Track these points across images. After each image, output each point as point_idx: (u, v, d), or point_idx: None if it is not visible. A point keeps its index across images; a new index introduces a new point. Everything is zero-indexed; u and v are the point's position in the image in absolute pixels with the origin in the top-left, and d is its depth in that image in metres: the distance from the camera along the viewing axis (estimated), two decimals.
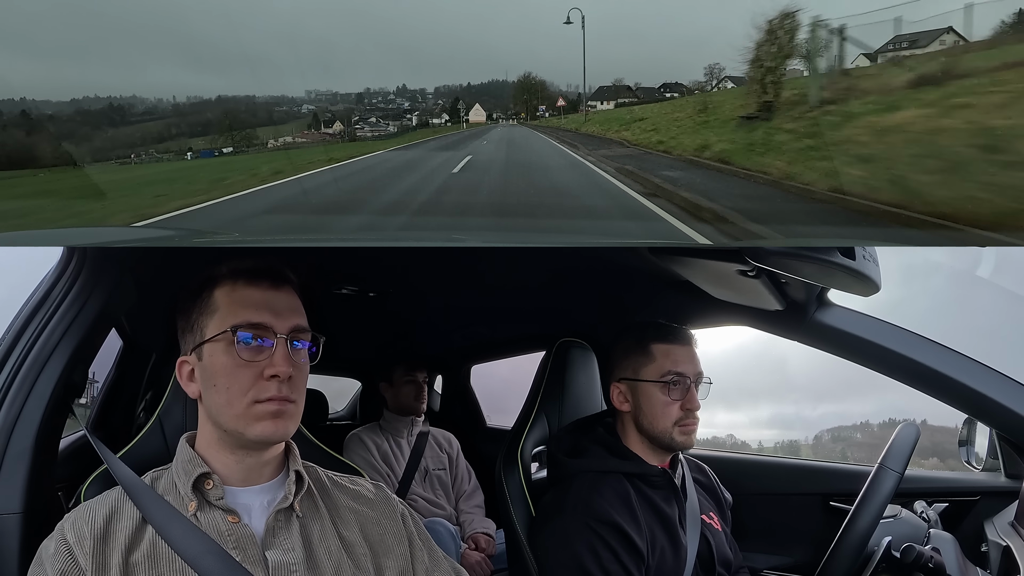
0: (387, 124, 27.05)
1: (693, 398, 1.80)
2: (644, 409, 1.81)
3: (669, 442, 1.80)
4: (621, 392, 1.85)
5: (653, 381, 1.80)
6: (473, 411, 3.92)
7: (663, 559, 1.71)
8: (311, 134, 26.46)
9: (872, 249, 1.52)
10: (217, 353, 1.27)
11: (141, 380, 2.44)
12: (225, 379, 1.25)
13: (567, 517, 1.70)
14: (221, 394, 1.26)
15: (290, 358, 1.26)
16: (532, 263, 2.17)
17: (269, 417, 1.25)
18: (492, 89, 29.58)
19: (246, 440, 1.28)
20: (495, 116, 30.27)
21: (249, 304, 1.28)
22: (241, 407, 1.25)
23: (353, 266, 2.21)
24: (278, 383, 1.25)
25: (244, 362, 1.25)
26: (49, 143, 23.11)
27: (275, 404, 1.25)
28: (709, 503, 1.96)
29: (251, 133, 24.59)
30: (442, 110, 28.59)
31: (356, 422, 4.18)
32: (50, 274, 1.67)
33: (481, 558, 2.70)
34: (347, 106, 27.43)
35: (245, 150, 24.62)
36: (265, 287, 1.30)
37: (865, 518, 1.89)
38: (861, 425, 3.29)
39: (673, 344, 1.83)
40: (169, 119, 26.01)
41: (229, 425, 1.27)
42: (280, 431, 1.27)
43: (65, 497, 1.69)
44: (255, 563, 1.25)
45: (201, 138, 25.00)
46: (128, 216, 9.56)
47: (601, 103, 29.10)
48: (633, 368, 1.84)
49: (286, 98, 26.70)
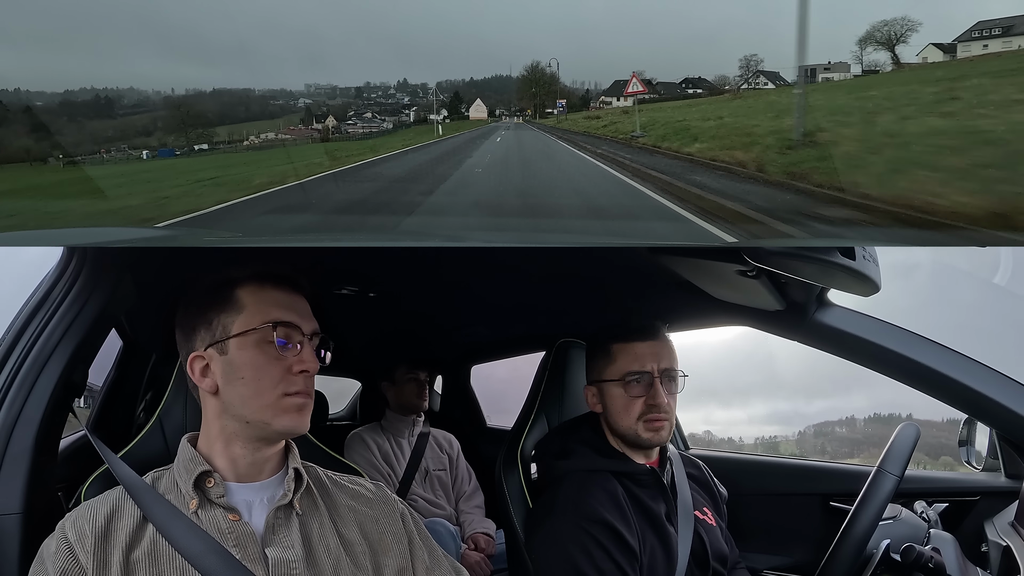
0: (383, 120, 24.74)
1: (656, 393, 1.78)
2: (610, 409, 1.84)
3: (636, 439, 1.80)
4: (593, 395, 1.88)
5: (614, 381, 1.82)
6: (473, 411, 3.92)
7: (654, 556, 1.72)
8: (297, 130, 23.80)
9: (872, 249, 1.52)
10: (248, 347, 1.31)
11: (141, 380, 2.45)
12: (255, 372, 1.30)
13: (558, 518, 1.71)
14: (249, 386, 1.30)
15: (315, 356, 1.34)
16: (532, 263, 2.17)
17: (295, 410, 1.31)
18: (495, 84, 26.38)
19: (270, 431, 1.32)
20: (498, 112, 26.18)
21: (279, 304, 1.34)
22: (272, 398, 1.30)
23: (353, 266, 2.21)
24: (305, 378, 1.32)
25: (277, 357, 1.31)
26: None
27: (301, 398, 1.32)
28: (703, 498, 1.96)
29: (208, 132, 22.11)
30: (441, 105, 25.75)
31: (356, 422, 4.19)
32: (50, 274, 1.67)
33: (481, 558, 2.71)
34: (345, 100, 25.41)
35: (214, 149, 22.00)
36: (287, 290, 1.37)
37: (864, 520, 1.89)
38: (847, 420, 3.30)
39: (633, 342, 1.83)
40: (154, 112, 22.91)
41: (255, 416, 1.30)
42: (303, 424, 1.33)
43: (65, 497, 1.69)
44: (255, 561, 1.26)
45: (171, 135, 22.27)
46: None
47: (617, 99, 25.10)
48: (597, 370, 1.87)
49: (283, 91, 24.66)
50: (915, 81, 15.64)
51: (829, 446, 3.29)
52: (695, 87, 25.71)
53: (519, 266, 2.21)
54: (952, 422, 2.50)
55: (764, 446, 3.35)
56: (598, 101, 26.38)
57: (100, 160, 20.80)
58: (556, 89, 25.60)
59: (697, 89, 25.50)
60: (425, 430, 3.08)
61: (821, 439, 3.38)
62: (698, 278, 1.90)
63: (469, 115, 26.02)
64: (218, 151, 22.13)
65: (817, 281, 1.63)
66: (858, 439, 3.20)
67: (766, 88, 21.85)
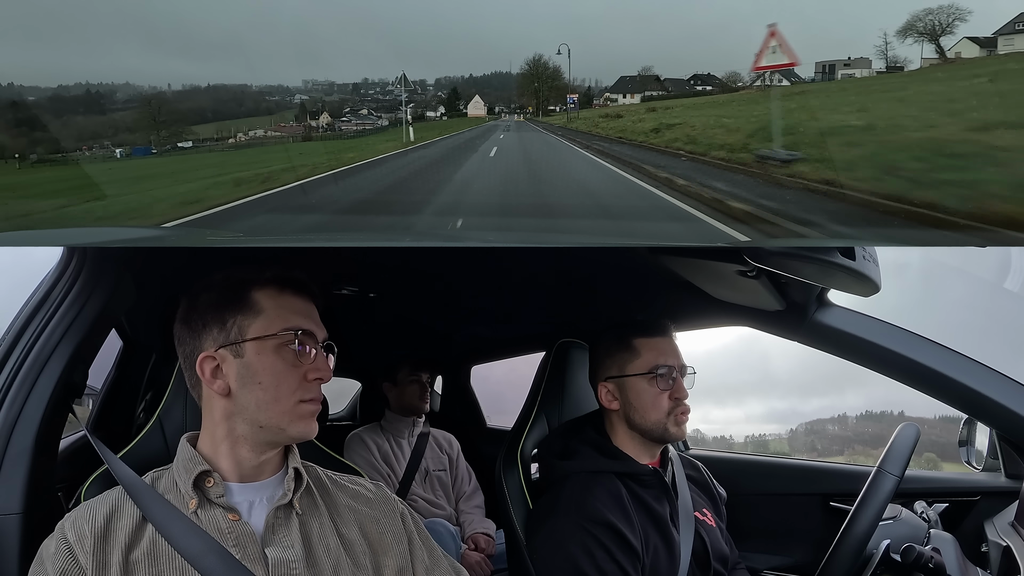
0: (379, 117, 23.49)
1: (681, 387, 1.82)
2: (634, 404, 1.83)
3: (662, 434, 1.81)
4: (609, 391, 1.87)
5: (641, 375, 1.82)
6: (473, 411, 3.92)
7: (657, 558, 1.72)
8: (288, 127, 22.33)
9: (872, 249, 1.52)
10: (266, 352, 1.31)
11: (141, 380, 2.45)
12: (273, 377, 1.30)
13: (560, 519, 1.71)
14: (267, 391, 1.30)
15: (328, 364, 1.36)
16: (532, 263, 2.17)
17: (309, 416, 1.33)
18: (495, 81, 24.91)
19: (283, 436, 1.33)
20: (497, 110, 24.58)
21: (298, 312, 1.36)
22: (289, 405, 1.31)
23: (353, 266, 2.21)
24: (319, 385, 1.34)
25: (295, 364, 1.32)
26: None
27: (314, 405, 1.34)
28: (703, 499, 1.97)
29: (184, 130, 20.47)
30: (439, 102, 24.55)
31: (356, 422, 4.19)
32: (50, 274, 1.67)
33: (481, 558, 2.71)
34: (343, 96, 24.71)
35: (199, 147, 20.29)
36: (306, 298, 1.38)
37: (864, 520, 1.89)
38: (839, 418, 3.30)
39: (655, 337, 1.85)
40: (137, 109, 20.96)
41: (271, 422, 1.31)
42: (313, 430, 1.35)
43: (65, 497, 1.69)
44: (254, 560, 1.26)
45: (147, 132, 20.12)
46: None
47: (624, 96, 23.38)
48: (619, 365, 1.85)
49: (280, 87, 23.73)
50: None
51: (819, 444, 3.29)
52: (704, 83, 23.81)
53: (519, 266, 2.21)
54: (946, 419, 2.51)
55: (755, 444, 3.35)
56: (602, 98, 24.33)
57: (73, 159, 18.42)
58: (562, 84, 22.85)
59: (706, 86, 23.73)
60: (425, 430, 3.08)
61: (812, 437, 3.38)
62: (698, 278, 1.90)
63: (467, 112, 24.38)
64: (203, 149, 20.44)
65: (817, 281, 1.63)
66: (849, 437, 3.21)
67: (780, 85, 17.93)
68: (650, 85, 23.98)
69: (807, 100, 12.90)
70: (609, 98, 23.73)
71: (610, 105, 22.43)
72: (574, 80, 23.75)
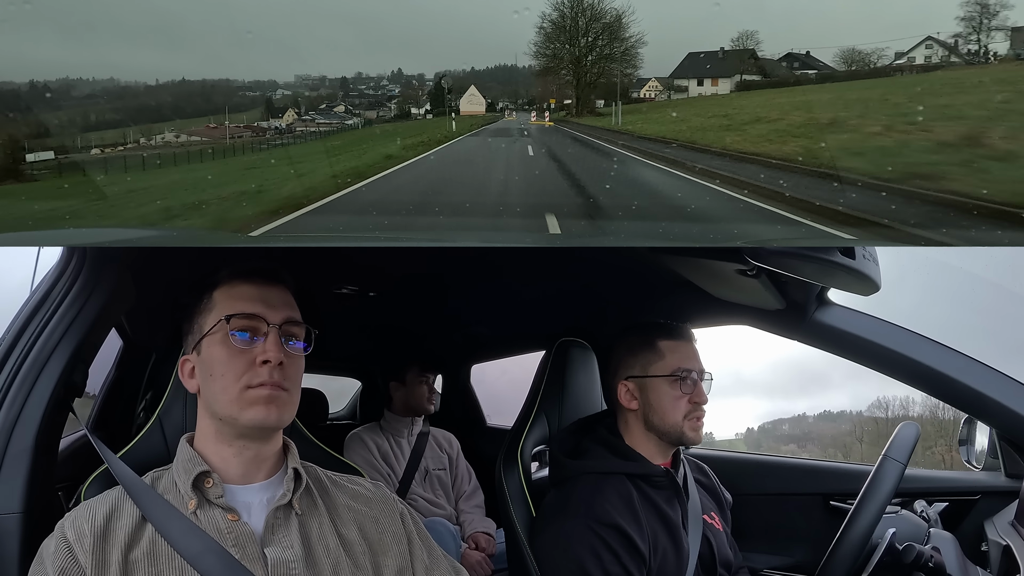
0: (355, 114, 21.04)
1: (701, 392, 1.82)
2: (654, 405, 1.82)
3: (679, 437, 1.81)
4: (629, 390, 1.86)
5: (664, 376, 1.82)
6: (473, 411, 3.92)
7: (665, 560, 1.71)
8: (220, 128, 19.06)
9: (872, 249, 1.52)
10: (214, 344, 1.33)
11: (141, 380, 2.45)
12: (220, 367, 1.31)
13: (569, 519, 1.70)
14: (217, 382, 1.31)
15: (281, 346, 1.32)
16: (532, 263, 2.17)
17: (262, 402, 1.29)
18: (499, 75, 21.42)
19: (240, 427, 1.31)
20: (500, 107, 18.45)
21: (243, 297, 1.35)
22: (235, 392, 1.29)
23: (353, 266, 2.21)
24: (270, 369, 1.29)
25: (238, 350, 1.31)
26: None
27: (267, 389, 1.29)
28: (710, 503, 1.96)
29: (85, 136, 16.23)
30: (430, 97, 20.55)
31: (356, 422, 4.19)
32: (50, 274, 1.67)
33: (481, 558, 2.71)
34: (330, 91, 22.00)
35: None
36: (259, 283, 1.36)
37: (870, 507, 1.88)
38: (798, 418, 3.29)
39: (680, 341, 1.86)
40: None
41: (224, 412, 1.31)
42: (272, 417, 1.30)
43: (65, 497, 1.69)
44: (254, 561, 1.26)
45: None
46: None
47: (698, 83, 16.13)
48: (642, 366, 1.85)
49: (264, 82, 21.38)
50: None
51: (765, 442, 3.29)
52: (804, 67, 17.22)
53: (519, 265, 2.21)
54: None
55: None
56: (642, 89, 16.40)
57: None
58: (629, 48, 13.64)
59: (806, 70, 17.24)
60: (425, 429, 3.08)
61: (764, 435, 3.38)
62: (698, 278, 1.90)
63: (460, 109, 17.89)
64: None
65: (817, 281, 1.63)
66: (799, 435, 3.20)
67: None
68: (738, 66, 15.88)
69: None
70: (675, 85, 15.97)
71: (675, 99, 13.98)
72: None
